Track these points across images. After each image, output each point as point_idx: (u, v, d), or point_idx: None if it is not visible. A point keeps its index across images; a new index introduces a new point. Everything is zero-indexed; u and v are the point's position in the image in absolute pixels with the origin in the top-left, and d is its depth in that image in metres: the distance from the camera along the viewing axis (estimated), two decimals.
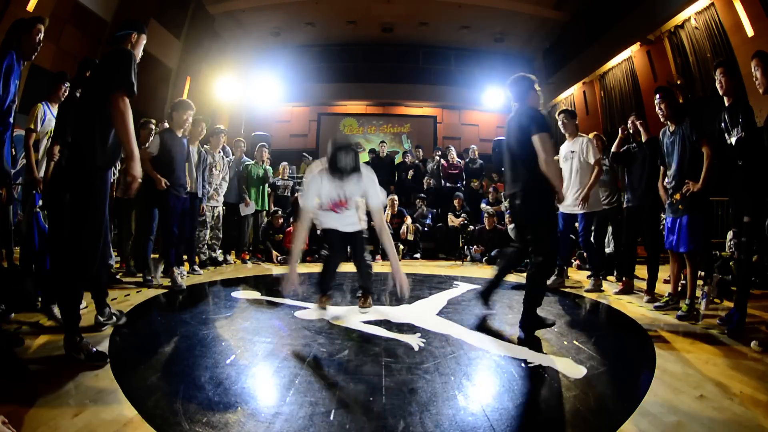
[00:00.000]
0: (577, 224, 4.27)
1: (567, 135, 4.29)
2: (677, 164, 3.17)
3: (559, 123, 4.30)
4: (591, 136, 4.35)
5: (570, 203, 4.07)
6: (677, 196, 3.14)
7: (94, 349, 2.03)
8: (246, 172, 5.72)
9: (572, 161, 4.16)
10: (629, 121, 3.90)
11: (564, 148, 4.30)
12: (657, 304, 3.35)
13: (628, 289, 3.95)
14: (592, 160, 4.04)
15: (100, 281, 2.58)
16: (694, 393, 1.80)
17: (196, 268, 4.66)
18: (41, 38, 2.38)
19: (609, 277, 4.68)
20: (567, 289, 4.15)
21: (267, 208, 6.12)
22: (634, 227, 3.92)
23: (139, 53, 2.33)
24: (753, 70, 2.60)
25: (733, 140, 2.74)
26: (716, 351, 2.35)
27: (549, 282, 4.21)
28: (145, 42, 2.39)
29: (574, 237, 4.83)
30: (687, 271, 3.17)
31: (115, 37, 2.31)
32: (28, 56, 2.30)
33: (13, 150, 2.58)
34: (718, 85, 2.85)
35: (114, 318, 2.58)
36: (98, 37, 7.41)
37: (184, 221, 4.14)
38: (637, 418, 1.59)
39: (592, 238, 4.24)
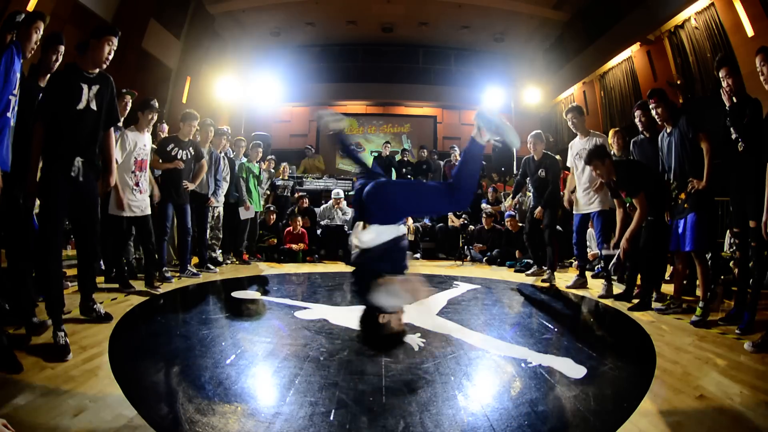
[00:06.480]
0: (592, 225, 4.15)
1: (578, 133, 4.17)
2: (678, 164, 3.11)
3: (569, 122, 4.20)
4: (612, 132, 4.25)
5: (583, 203, 4.03)
6: (682, 196, 3.05)
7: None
8: (245, 172, 5.69)
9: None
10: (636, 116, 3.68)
11: (576, 146, 4.18)
12: (658, 307, 3.25)
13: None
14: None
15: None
16: (694, 393, 1.79)
17: (190, 268, 4.59)
18: (39, 37, 2.30)
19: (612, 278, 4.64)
20: (573, 290, 4.15)
21: (262, 209, 6.11)
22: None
23: (103, 56, 2.45)
24: (759, 65, 2.52)
25: (739, 134, 2.72)
26: (716, 351, 2.34)
27: (571, 283, 4.22)
28: (108, 44, 2.45)
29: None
30: (698, 273, 3.04)
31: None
32: (24, 53, 2.23)
33: None
34: (725, 85, 2.79)
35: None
36: None
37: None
38: (637, 418, 1.59)
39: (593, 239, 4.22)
